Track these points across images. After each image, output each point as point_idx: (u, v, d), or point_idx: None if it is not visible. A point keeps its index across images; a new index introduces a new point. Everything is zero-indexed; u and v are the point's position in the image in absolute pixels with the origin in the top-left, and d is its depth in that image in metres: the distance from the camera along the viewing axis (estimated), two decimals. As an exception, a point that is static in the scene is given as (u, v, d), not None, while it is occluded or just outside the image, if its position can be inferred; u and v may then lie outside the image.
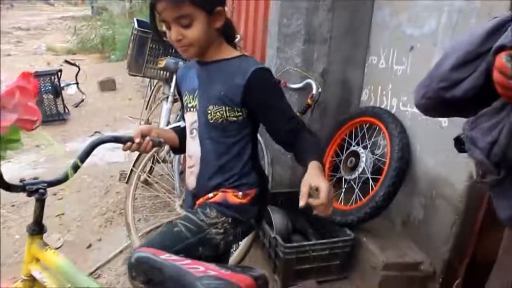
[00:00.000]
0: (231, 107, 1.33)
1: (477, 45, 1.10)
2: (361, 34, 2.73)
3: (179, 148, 1.54)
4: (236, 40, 2.72)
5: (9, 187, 1.16)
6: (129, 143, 1.34)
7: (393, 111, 2.48)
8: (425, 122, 2.23)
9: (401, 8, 2.43)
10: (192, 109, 1.42)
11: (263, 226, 2.54)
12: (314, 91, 2.58)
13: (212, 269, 0.97)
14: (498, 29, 1.07)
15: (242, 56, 1.39)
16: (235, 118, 1.34)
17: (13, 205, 3.23)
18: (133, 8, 12.02)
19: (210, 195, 1.41)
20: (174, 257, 1.02)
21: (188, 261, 1.01)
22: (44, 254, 1.26)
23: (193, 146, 1.43)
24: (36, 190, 1.20)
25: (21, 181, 1.20)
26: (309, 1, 2.59)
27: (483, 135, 1.12)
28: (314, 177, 1.12)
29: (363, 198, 2.39)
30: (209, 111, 1.35)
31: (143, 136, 1.36)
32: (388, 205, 2.28)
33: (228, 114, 1.33)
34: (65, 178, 1.25)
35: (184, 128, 1.51)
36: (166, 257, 1.01)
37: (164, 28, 1.33)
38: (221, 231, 1.35)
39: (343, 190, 2.59)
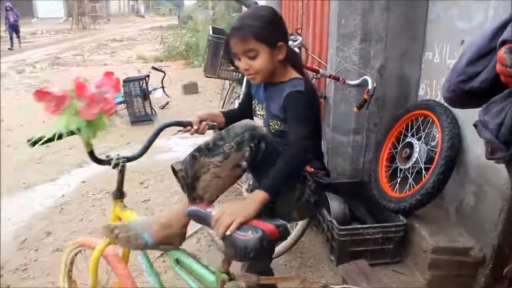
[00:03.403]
0: (283, 121, 1.63)
1: (488, 41, 1.24)
2: (416, 30, 2.82)
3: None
4: (297, 42, 2.97)
5: (100, 161, 1.50)
6: (189, 127, 1.66)
7: (446, 104, 2.56)
8: (475, 113, 2.30)
9: (453, 2, 2.50)
10: (260, 117, 1.77)
11: (322, 212, 2.75)
12: (369, 87, 2.75)
13: None
14: (505, 26, 1.20)
15: (293, 79, 1.62)
16: (289, 128, 1.62)
17: (107, 192, 3.73)
18: (216, 15, 12.60)
19: None
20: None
21: None
22: (124, 213, 1.61)
23: None
24: (117, 164, 1.54)
25: (107, 157, 1.55)
26: (364, 1, 2.75)
27: (492, 118, 1.27)
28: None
29: (416, 186, 2.51)
30: (271, 124, 1.68)
31: (201, 121, 1.67)
32: (439, 193, 2.38)
33: (284, 126, 1.65)
34: (139, 155, 1.58)
35: (231, 112, 1.87)
36: (210, 209, 1.31)
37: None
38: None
39: (399, 179, 2.72)
